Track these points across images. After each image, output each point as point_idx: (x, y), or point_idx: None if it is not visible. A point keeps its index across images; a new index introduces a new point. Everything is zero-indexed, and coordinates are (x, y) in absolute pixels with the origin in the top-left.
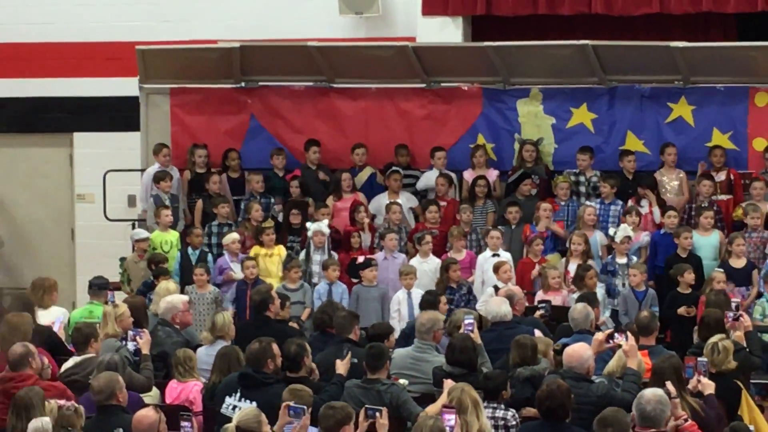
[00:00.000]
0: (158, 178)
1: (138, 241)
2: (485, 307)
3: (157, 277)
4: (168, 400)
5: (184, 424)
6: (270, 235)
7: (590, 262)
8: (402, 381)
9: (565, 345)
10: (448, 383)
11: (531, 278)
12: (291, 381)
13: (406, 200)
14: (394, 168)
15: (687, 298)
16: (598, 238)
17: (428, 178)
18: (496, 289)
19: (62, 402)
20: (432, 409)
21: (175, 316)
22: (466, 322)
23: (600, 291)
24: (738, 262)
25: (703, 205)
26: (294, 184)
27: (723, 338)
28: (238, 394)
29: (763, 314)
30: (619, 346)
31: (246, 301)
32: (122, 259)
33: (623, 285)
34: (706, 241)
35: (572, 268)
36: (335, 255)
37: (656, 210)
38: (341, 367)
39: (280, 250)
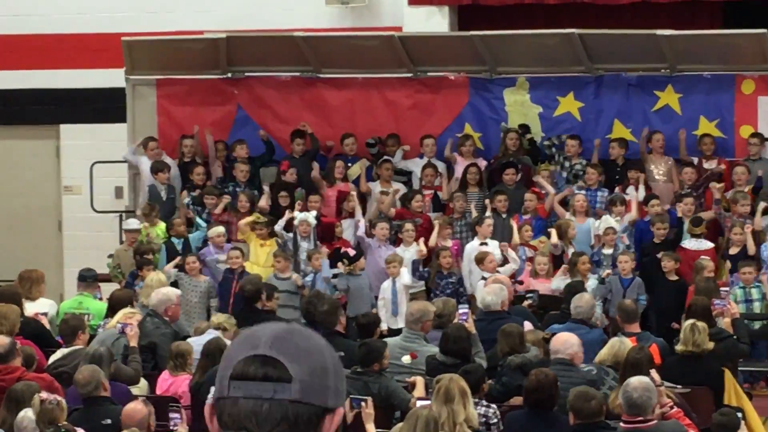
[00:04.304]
0: (156, 169)
1: (128, 231)
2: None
3: (140, 267)
4: (158, 392)
5: (173, 415)
6: (262, 230)
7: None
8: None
9: (555, 333)
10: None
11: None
12: None
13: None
14: (385, 158)
15: (673, 283)
16: (591, 225)
17: (415, 166)
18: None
19: (44, 396)
20: (419, 392)
21: (168, 308)
22: (461, 311)
23: (592, 281)
24: (733, 250)
25: (682, 192)
26: (291, 172)
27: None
28: None
29: (735, 301)
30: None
31: (230, 290)
32: (110, 256)
33: (608, 273)
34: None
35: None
36: (319, 244)
37: (642, 189)
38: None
39: (273, 243)
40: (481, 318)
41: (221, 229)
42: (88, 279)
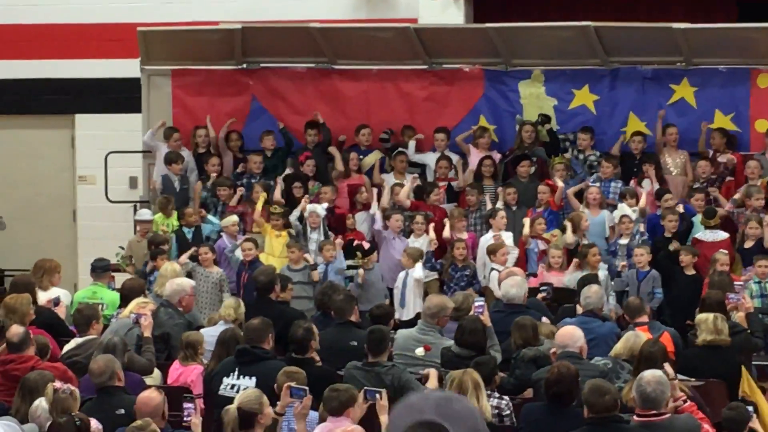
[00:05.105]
0: (169, 159)
1: (141, 221)
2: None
3: (154, 257)
4: (168, 381)
5: (187, 405)
6: (278, 221)
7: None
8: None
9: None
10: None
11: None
12: (295, 361)
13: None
14: (399, 149)
15: (690, 277)
16: (605, 217)
17: (429, 159)
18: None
19: (58, 385)
20: (432, 384)
21: (182, 299)
22: (476, 304)
23: (603, 272)
24: (747, 243)
25: (694, 186)
26: (308, 163)
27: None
28: (236, 372)
29: (750, 295)
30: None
31: (241, 281)
32: (121, 248)
33: (623, 265)
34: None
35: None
36: (331, 235)
37: (656, 186)
38: None
39: (288, 233)
40: (501, 310)
41: (235, 218)
42: (98, 269)
